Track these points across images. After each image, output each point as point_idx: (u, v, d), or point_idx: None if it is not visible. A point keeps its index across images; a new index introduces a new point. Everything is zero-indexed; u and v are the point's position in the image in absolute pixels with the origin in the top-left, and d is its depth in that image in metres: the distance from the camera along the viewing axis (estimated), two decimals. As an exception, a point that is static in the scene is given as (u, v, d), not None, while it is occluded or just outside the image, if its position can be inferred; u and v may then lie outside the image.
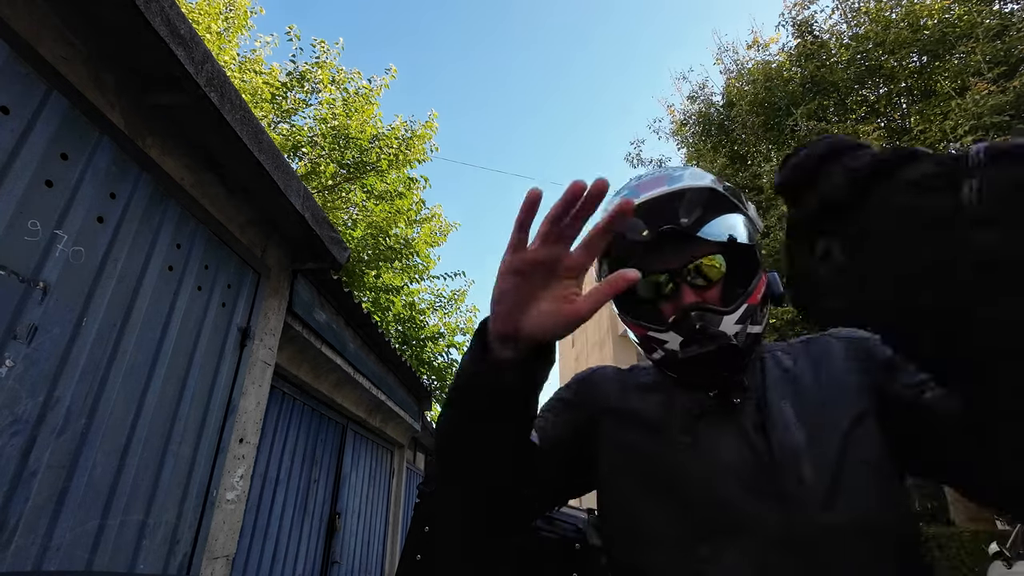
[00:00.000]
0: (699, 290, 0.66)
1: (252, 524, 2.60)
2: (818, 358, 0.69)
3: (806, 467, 0.58)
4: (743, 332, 0.65)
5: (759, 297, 0.67)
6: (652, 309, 0.69)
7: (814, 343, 0.72)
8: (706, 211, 0.65)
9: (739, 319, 0.64)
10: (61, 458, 1.30)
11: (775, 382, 0.67)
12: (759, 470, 0.60)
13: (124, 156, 1.53)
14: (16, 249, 1.21)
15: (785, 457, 0.59)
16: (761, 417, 0.63)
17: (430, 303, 9.19)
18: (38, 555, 1.24)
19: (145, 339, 1.59)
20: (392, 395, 4.49)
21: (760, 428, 0.62)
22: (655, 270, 0.66)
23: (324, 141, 7.34)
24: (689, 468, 0.63)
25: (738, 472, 0.60)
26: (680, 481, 0.62)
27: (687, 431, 0.66)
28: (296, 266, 2.57)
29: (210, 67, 1.59)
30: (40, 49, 1.29)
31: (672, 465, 0.64)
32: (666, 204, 0.65)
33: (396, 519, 5.10)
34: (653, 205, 0.65)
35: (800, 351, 0.72)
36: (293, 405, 3.12)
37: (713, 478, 0.61)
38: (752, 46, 8.49)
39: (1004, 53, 5.25)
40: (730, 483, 0.60)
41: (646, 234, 0.64)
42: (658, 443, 0.67)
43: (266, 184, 1.98)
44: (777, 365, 0.70)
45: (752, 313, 0.66)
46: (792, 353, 0.72)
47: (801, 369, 0.69)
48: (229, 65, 6.91)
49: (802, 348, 0.72)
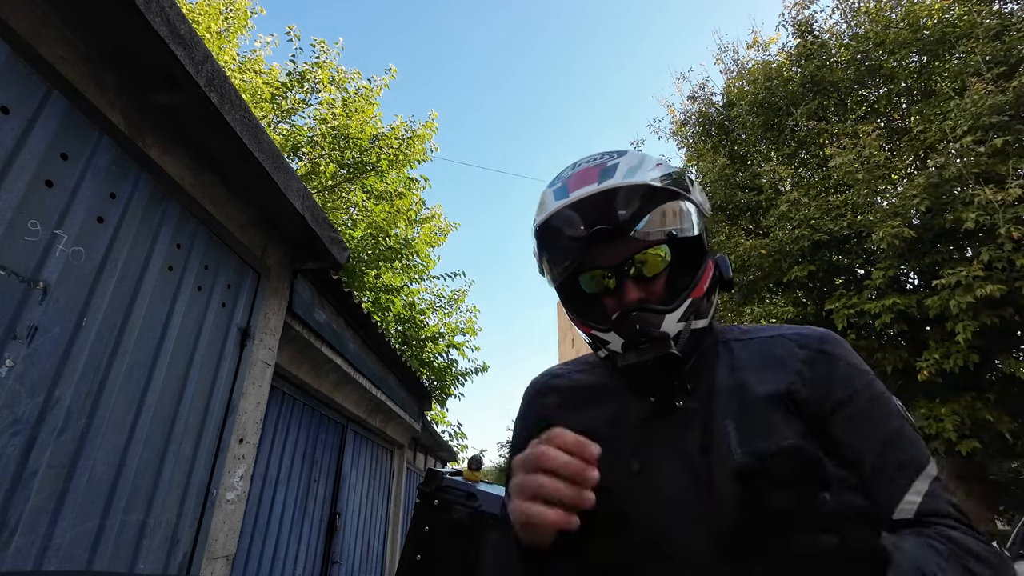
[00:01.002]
0: (643, 283, 0.64)
1: (252, 524, 2.60)
2: (769, 362, 0.66)
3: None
4: (686, 329, 0.63)
5: (705, 287, 0.65)
6: (598, 306, 0.68)
7: (769, 341, 0.68)
8: (644, 204, 0.62)
9: (682, 316, 0.63)
10: (61, 458, 1.30)
11: (722, 390, 0.65)
12: (699, 497, 0.59)
13: (124, 156, 1.53)
14: (16, 249, 1.21)
15: (724, 486, 0.58)
16: (705, 438, 0.62)
17: (430, 303, 9.19)
18: (38, 555, 1.24)
19: (145, 339, 1.59)
20: (392, 395, 4.49)
21: (705, 450, 0.61)
22: (597, 266, 0.64)
23: (324, 141, 7.34)
24: (636, 497, 0.62)
25: (680, 501, 0.60)
26: (627, 511, 0.61)
27: (636, 453, 0.64)
28: (296, 266, 2.57)
29: (210, 67, 1.59)
30: (40, 49, 1.29)
31: (620, 493, 0.61)
32: (601, 199, 0.62)
33: (396, 519, 5.10)
34: (587, 201, 0.62)
35: (754, 350, 0.68)
36: (293, 405, 3.12)
37: (658, 508, 0.60)
38: (752, 46, 8.49)
39: (1004, 53, 5.25)
40: (672, 512, 0.60)
41: (582, 229, 0.62)
42: (608, 468, 0.59)
43: (266, 184, 1.98)
44: (728, 365, 0.67)
45: (696, 307, 0.64)
46: (746, 350, 0.69)
47: (748, 378, 0.65)
48: (229, 65, 6.91)
49: (756, 347, 0.68)
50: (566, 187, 0.65)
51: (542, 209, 0.67)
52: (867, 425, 0.61)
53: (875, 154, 5.60)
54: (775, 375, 0.64)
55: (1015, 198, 4.30)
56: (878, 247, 5.25)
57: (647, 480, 0.62)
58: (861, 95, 6.96)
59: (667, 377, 0.62)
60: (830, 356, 0.65)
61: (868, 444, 0.60)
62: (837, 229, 5.73)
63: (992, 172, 4.68)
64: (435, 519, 1.08)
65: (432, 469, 1.18)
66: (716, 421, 0.62)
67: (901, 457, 0.59)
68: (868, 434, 0.61)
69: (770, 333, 0.70)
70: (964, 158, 4.79)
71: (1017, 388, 5.03)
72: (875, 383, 0.64)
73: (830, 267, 6.30)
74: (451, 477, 1.15)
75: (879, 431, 0.61)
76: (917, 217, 5.37)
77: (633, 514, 0.61)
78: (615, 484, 0.62)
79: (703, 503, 0.59)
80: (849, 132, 6.14)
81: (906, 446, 0.60)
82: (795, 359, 0.65)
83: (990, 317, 4.46)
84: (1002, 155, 4.65)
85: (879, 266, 5.35)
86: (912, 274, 5.86)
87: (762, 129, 7.37)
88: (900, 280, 5.86)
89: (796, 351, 0.66)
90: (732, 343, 0.70)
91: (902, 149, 6.16)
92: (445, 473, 1.16)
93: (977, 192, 4.51)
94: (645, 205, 0.62)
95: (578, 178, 0.64)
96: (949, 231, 5.13)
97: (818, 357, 0.64)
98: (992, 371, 5.39)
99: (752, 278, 6.71)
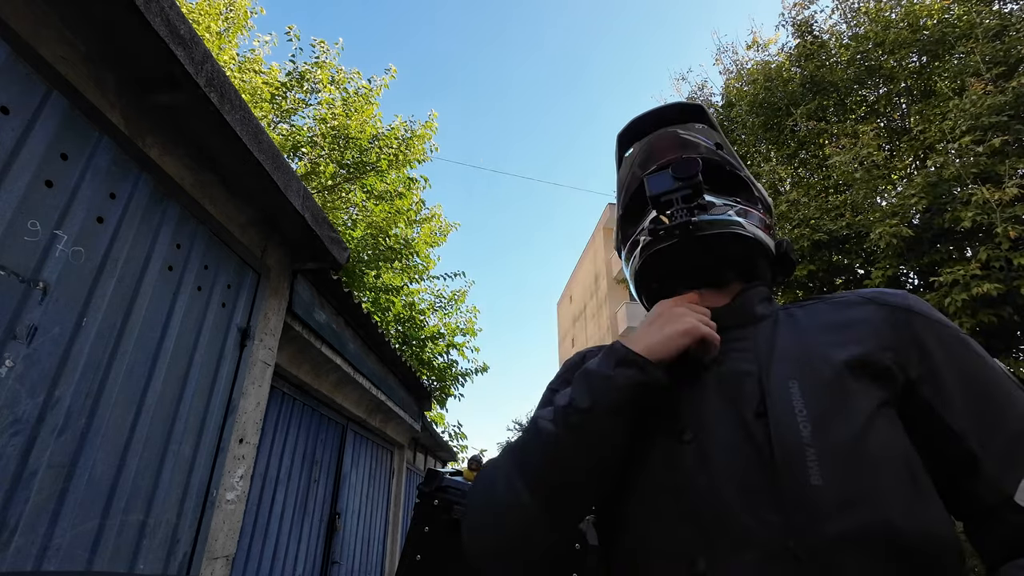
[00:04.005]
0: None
1: (252, 524, 2.60)
2: (841, 324, 0.59)
3: (812, 466, 0.49)
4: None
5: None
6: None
7: (839, 304, 0.63)
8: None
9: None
10: (61, 458, 1.30)
11: (784, 353, 0.58)
12: (760, 469, 0.51)
13: (124, 156, 1.53)
14: (16, 249, 1.21)
15: (786, 454, 0.50)
16: (762, 401, 0.54)
17: (430, 303, 9.18)
18: (38, 555, 1.24)
19: (145, 339, 1.59)
20: (392, 395, 4.49)
21: (762, 415, 0.53)
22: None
23: (324, 141, 7.34)
24: (688, 470, 0.55)
25: (737, 473, 0.52)
26: (679, 486, 0.55)
27: (686, 421, 0.58)
28: (296, 266, 2.57)
29: (210, 67, 1.59)
30: (40, 49, 1.29)
31: (671, 467, 0.57)
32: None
33: (396, 519, 5.10)
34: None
35: (822, 313, 0.62)
36: (293, 405, 3.12)
37: (712, 482, 0.53)
38: (751, 46, 8.49)
39: (1003, 53, 5.25)
40: (730, 487, 0.52)
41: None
42: (657, 440, 0.60)
43: (266, 184, 1.98)
44: (791, 328, 0.61)
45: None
46: (811, 314, 0.63)
47: (816, 340, 0.58)
48: (229, 65, 6.91)
49: (826, 310, 0.63)
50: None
51: None
52: (969, 391, 0.53)
53: (873, 154, 5.60)
54: (850, 338, 0.57)
55: (1012, 197, 4.30)
56: (877, 246, 5.25)
57: (699, 450, 0.56)
58: (861, 95, 6.96)
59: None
60: (916, 314, 0.57)
61: (972, 414, 0.52)
62: (836, 229, 5.74)
63: (991, 172, 4.68)
64: (435, 519, 1.08)
65: (432, 469, 1.18)
66: (775, 382, 0.55)
67: (1015, 427, 0.50)
68: (971, 401, 0.52)
69: (839, 296, 0.64)
70: (963, 158, 4.79)
71: (1017, 388, 5.02)
72: (971, 342, 0.56)
73: (830, 267, 6.30)
74: (451, 477, 1.15)
75: (984, 398, 0.52)
76: (916, 217, 5.38)
77: (685, 487, 0.55)
78: (664, 455, 0.58)
79: (762, 474, 0.51)
80: (849, 132, 6.15)
81: (1022, 413, 0.51)
82: (875, 319, 0.58)
83: (988, 316, 4.46)
84: (1001, 155, 4.65)
85: (878, 266, 5.35)
86: (912, 274, 5.86)
87: (762, 129, 7.37)
88: (899, 280, 5.87)
89: (876, 310, 0.59)
90: (794, 310, 0.65)
91: (901, 149, 6.16)
92: (445, 473, 1.16)
93: (975, 192, 4.52)
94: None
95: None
96: (948, 231, 5.13)
97: (902, 317, 0.57)
98: (992, 371, 5.38)
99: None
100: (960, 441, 0.51)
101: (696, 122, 0.77)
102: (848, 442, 0.50)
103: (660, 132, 0.76)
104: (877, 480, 0.48)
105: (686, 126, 0.76)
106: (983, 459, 0.50)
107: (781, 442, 0.51)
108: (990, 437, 0.51)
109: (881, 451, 0.50)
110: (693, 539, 0.52)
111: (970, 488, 0.51)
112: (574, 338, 24.25)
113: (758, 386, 0.56)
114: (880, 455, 0.49)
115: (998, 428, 0.51)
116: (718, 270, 0.70)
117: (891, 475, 0.49)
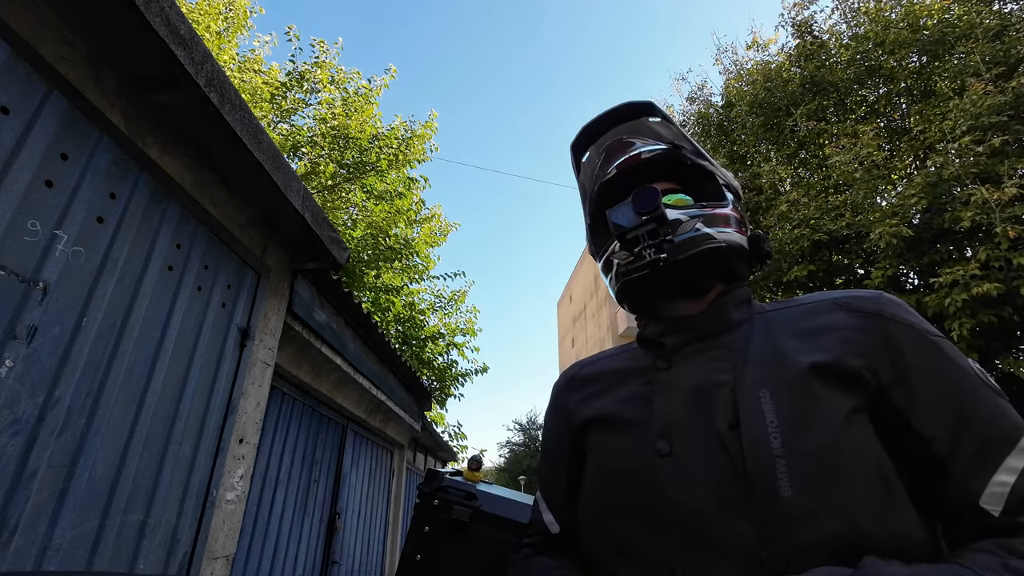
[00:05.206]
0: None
1: (252, 524, 2.60)
2: (812, 331, 0.59)
3: (782, 478, 0.49)
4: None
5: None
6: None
7: (812, 309, 0.63)
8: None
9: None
10: (61, 458, 1.30)
11: (757, 360, 0.59)
12: (734, 481, 0.52)
13: (124, 156, 1.53)
14: (16, 249, 1.21)
15: (758, 466, 0.51)
16: (736, 412, 0.55)
17: (430, 303, 9.18)
18: (38, 555, 1.24)
19: (145, 339, 1.59)
20: (392, 395, 4.49)
21: (735, 426, 0.55)
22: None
23: (324, 141, 7.34)
24: (665, 482, 0.56)
25: (713, 484, 0.53)
26: (656, 498, 0.56)
27: (663, 433, 0.59)
28: (296, 266, 2.57)
29: (210, 67, 1.59)
30: (40, 49, 1.29)
31: (648, 479, 0.58)
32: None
33: (396, 519, 5.10)
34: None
35: (795, 319, 0.62)
36: (293, 405, 3.12)
37: (688, 493, 0.54)
38: (751, 46, 8.49)
39: (1003, 53, 5.25)
40: (706, 499, 0.53)
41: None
42: (635, 453, 0.61)
43: (266, 184, 1.98)
44: (764, 334, 0.62)
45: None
46: (784, 318, 0.63)
47: (787, 346, 0.59)
48: (229, 65, 6.91)
49: (799, 315, 0.63)
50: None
51: None
52: (937, 394, 0.52)
53: (873, 154, 5.60)
54: (821, 343, 0.57)
55: (1011, 197, 4.30)
56: (877, 246, 5.25)
57: (675, 462, 0.57)
58: (861, 95, 6.96)
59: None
60: (887, 319, 0.57)
61: (940, 418, 0.51)
62: (836, 229, 5.74)
63: (991, 172, 4.68)
64: (435, 519, 1.08)
65: (432, 469, 1.18)
66: (747, 392, 0.55)
67: (984, 430, 0.50)
68: (939, 405, 0.52)
69: (814, 298, 0.64)
70: (963, 158, 4.79)
71: (1016, 387, 5.03)
72: (943, 344, 0.55)
73: (830, 267, 6.30)
74: (451, 477, 1.15)
75: (952, 400, 0.52)
76: (916, 217, 5.38)
77: (662, 499, 0.56)
78: (642, 468, 0.59)
79: (736, 486, 0.52)
80: (849, 132, 6.15)
81: (989, 416, 0.51)
82: (845, 325, 0.58)
83: (988, 316, 4.46)
84: (1000, 155, 4.65)
85: (878, 266, 5.35)
86: (912, 274, 5.86)
87: (762, 129, 7.37)
88: (899, 280, 5.87)
89: (846, 317, 0.59)
90: (769, 313, 0.65)
91: (901, 149, 6.16)
92: (445, 473, 1.16)
93: (974, 192, 4.52)
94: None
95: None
96: (948, 231, 5.13)
97: (872, 322, 0.57)
98: (992, 370, 5.40)
99: (752, 278, 6.72)
100: (929, 445, 0.51)
101: (647, 117, 0.78)
102: (818, 451, 0.50)
103: (611, 132, 0.77)
104: (847, 488, 0.48)
105: (637, 123, 0.77)
106: (951, 463, 0.50)
107: (752, 454, 0.52)
108: (958, 440, 0.51)
109: (852, 458, 0.50)
110: (670, 549, 0.54)
111: (941, 491, 0.51)
112: (574, 338, 24.24)
113: (732, 397, 0.57)
114: (851, 462, 0.49)
115: (965, 431, 0.51)
116: (697, 282, 0.69)
117: (862, 482, 0.49)
